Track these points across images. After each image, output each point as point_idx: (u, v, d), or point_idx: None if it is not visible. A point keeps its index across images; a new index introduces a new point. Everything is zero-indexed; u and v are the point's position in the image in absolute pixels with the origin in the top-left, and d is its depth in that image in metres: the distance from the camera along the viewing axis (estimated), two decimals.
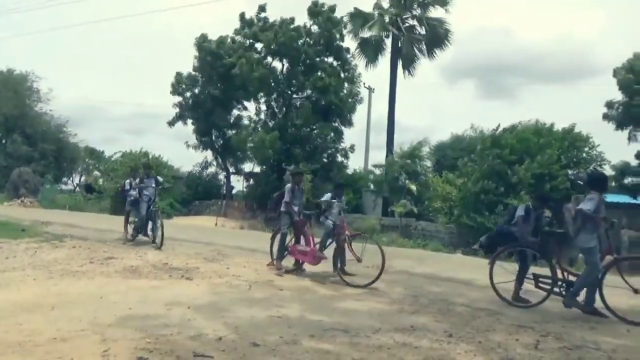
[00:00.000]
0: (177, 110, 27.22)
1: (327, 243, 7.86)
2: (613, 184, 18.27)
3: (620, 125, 17.71)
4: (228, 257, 9.27)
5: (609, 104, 17.98)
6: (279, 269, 7.81)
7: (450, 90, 74.97)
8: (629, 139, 17.64)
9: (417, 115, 71.76)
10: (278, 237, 8.13)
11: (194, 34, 27.95)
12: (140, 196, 10.71)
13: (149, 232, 10.60)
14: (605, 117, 17.67)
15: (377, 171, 22.52)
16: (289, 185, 8.18)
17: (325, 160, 24.44)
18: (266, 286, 6.72)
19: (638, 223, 16.52)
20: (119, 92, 79.35)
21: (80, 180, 43.19)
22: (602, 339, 4.96)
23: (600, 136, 18.06)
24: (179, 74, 26.54)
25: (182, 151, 53.23)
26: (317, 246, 7.80)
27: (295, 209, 8.04)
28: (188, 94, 26.82)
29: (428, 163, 22.22)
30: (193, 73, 26.43)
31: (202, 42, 25.43)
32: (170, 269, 7.57)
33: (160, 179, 11.46)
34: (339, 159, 25.19)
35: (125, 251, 9.29)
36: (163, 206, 22.71)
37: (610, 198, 19.47)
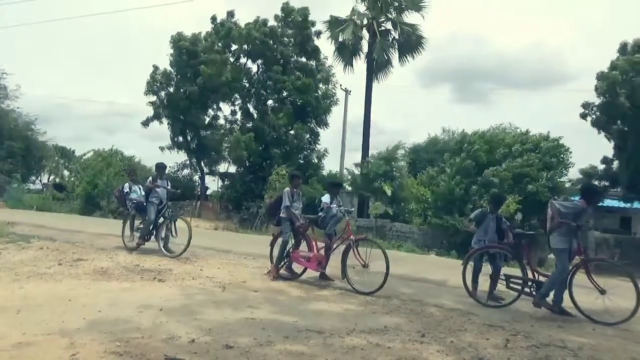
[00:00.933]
0: (152, 108, 26.80)
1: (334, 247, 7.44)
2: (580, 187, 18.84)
3: (597, 125, 18.07)
4: (201, 258, 9.16)
5: (585, 105, 18.35)
6: (275, 277, 7.46)
7: (427, 93, 76.18)
8: (608, 139, 18.09)
9: (394, 118, 72.75)
10: (278, 242, 7.71)
11: (168, 33, 27.57)
12: (148, 199, 9.66)
13: (161, 239, 9.47)
14: (583, 116, 18.04)
15: (357, 171, 22.66)
16: (287, 189, 7.79)
17: (301, 161, 24.45)
18: (240, 288, 6.67)
19: (603, 224, 17.06)
20: (91, 90, 77.74)
21: (49, 180, 42.08)
22: (569, 337, 5.10)
23: (570, 140, 18.67)
24: (155, 68, 26.13)
25: (155, 150, 52.47)
26: (322, 251, 7.43)
27: (296, 212, 7.66)
28: (163, 93, 26.43)
29: (402, 164, 22.46)
30: (169, 70, 26.10)
31: (177, 40, 25.13)
32: (142, 271, 7.43)
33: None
34: (315, 160, 25.25)
35: (95, 253, 9.08)
36: None
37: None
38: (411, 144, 31.56)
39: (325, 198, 7.80)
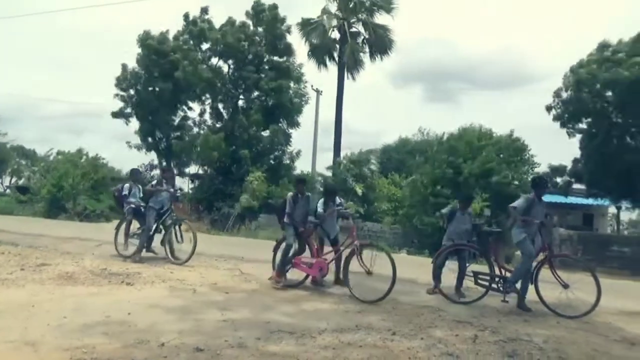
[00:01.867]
0: (121, 108, 26.21)
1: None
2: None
3: (561, 120, 18.52)
4: (171, 260, 9.01)
5: (550, 107, 18.80)
6: (278, 282, 7.16)
7: (399, 94, 77.09)
8: (569, 135, 18.60)
9: (367, 119, 73.28)
10: (282, 247, 7.40)
11: (136, 32, 27.04)
12: (148, 203, 9.08)
13: (167, 244, 8.93)
14: (548, 109, 18.46)
15: (328, 173, 22.76)
16: (290, 195, 7.54)
17: (272, 162, 24.33)
18: (211, 289, 6.60)
19: (567, 222, 17.64)
20: (56, 90, 75.41)
21: (10, 182, 40.62)
22: (535, 331, 5.26)
23: (535, 139, 19.22)
24: (124, 67, 25.57)
25: (123, 152, 51.44)
26: (327, 256, 7.18)
27: (303, 218, 7.34)
28: (132, 92, 25.89)
29: (374, 167, 22.71)
30: (137, 69, 25.57)
31: (145, 39, 24.65)
32: (110, 275, 7.26)
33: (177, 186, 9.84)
34: (287, 161, 25.17)
35: (60, 257, 8.80)
36: (102, 209, 21.90)
37: (544, 197, 20.70)
38: (382, 144, 31.94)
39: (320, 204, 7.59)
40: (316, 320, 5.21)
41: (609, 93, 16.73)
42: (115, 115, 26.24)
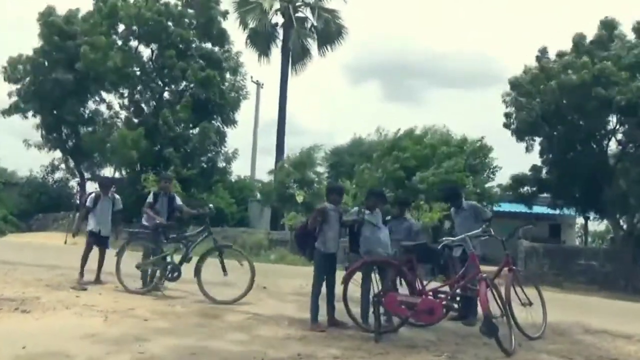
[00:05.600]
0: (15, 99, 24.97)
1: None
2: (511, 193, 20.33)
3: (517, 135, 19.57)
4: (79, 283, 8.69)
5: (507, 115, 19.78)
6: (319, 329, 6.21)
7: (355, 91, 78.21)
8: (527, 149, 19.60)
9: (317, 117, 73.75)
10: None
11: (37, 8, 25.67)
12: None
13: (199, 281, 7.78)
14: (506, 126, 19.44)
15: (268, 178, 22.73)
16: (328, 206, 6.59)
17: (204, 165, 24.02)
18: (127, 317, 6.41)
19: (533, 233, 18.52)
20: None
21: None
22: (495, 354, 5.48)
23: (500, 142, 20.15)
24: (14, 59, 24.32)
25: (19, 151, 49.01)
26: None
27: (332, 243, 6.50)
28: (27, 80, 24.70)
29: (321, 169, 22.87)
30: (35, 55, 24.45)
31: (47, 17, 23.65)
32: (0, 301, 6.90)
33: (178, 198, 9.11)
34: (221, 164, 24.94)
35: None
36: None
37: (508, 207, 21.70)
38: (332, 145, 32.15)
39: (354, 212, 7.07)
40: (253, 350, 5.17)
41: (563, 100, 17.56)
42: (6, 112, 24.97)
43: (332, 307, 6.54)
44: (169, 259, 8.13)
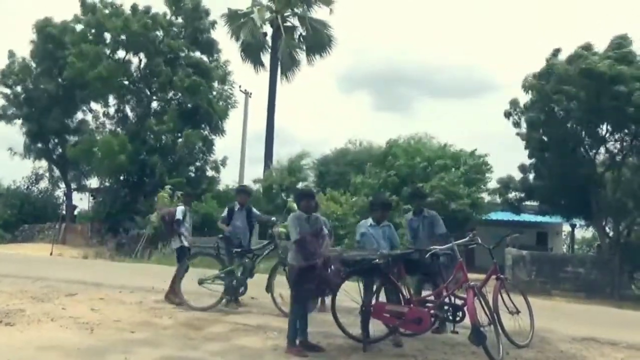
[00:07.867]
0: (5, 103, 24.87)
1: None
2: (498, 199, 20.37)
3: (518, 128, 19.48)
4: (65, 294, 8.59)
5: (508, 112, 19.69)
6: None
7: (346, 100, 78.55)
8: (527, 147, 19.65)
9: (308, 126, 73.83)
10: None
11: (33, 18, 25.52)
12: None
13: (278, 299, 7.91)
14: (507, 114, 19.28)
15: (256, 186, 22.66)
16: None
17: (192, 174, 23.93)
18: (112, 329, 6.35)
19: (520, 241, 18.60)
20: None
21: None
22: None
23: (490, 149, 20.40)
24: (11, 55, 24.28)
25: (3, 160, 48.58)
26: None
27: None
28: (19, 88, 24.59)
29: (310, 178, 22.89)
30: (27, 60, 24.38)
31: (43, 26, 23.63)
32: None
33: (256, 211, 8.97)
34: (209, 172, 24.87)
35: None
36: None
37: (495, 215, 21.80)
38: (319, 154, 32.17)
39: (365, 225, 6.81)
40: None
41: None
42: None
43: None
44: (237, 273, 7.93)
